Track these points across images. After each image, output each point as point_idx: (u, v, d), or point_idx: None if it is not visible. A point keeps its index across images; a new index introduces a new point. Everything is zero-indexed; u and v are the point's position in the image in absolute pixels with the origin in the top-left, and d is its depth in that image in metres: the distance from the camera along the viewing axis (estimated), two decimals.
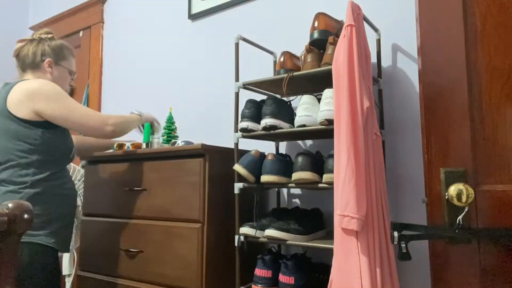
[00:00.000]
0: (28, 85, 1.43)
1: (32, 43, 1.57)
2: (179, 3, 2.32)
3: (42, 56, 1.55)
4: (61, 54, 1.60)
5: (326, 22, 1.42)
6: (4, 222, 0.76)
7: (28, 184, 1.36)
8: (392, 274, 1.16)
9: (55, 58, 1.58)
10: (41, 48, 1.56)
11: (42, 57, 1.55)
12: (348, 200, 1.07)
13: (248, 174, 1.41)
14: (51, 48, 1.58)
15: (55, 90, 1.44)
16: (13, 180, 1.36)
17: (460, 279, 0.88)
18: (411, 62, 1.51)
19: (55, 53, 1.58)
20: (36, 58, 1.54)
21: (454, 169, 0.89)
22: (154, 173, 1.59)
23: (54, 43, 1.60)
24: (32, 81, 1.45)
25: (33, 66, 1.54)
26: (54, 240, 1.38)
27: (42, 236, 1.35)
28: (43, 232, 1.35)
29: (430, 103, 0.94)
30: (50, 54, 1.57)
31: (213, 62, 2.12)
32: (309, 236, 1.38)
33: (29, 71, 1.55)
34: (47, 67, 1.55)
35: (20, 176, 1.36)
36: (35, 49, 1.55)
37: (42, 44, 1.57)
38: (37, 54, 1.55)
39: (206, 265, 1.42)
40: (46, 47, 1.57)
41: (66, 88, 1.62)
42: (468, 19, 0.91)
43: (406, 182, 1.47)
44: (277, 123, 1.39)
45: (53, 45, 1.59)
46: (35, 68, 1.54)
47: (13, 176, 1.36)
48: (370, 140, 1.16)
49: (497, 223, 0.84)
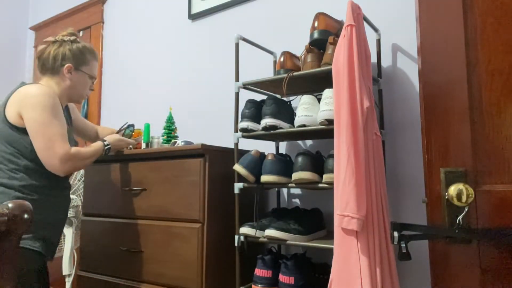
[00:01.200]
0: (28, 88, 1.40)
1: (54, 45, 1.52)
2: (179, 3, 2.32)
3: (62, 61, 1.50)
4: (83, 58, 1.54)
5: (326, 22, 1.42)
6: (4, 222, 0.76)
7: (16, 188, 1.34)
8: (392, 274, 1.15)
9: (76, 63, 1.52)
10: (62, 51, 1.50)
11: (62, 61, 1.50)
12: (348, 200, 1.07)
13: (248, 174, 1.41)
14: (72, 52, 1.52)
15: (45, 103, 1.36)
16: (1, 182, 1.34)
17: (460, 279, 0.88)
18: (411, 62, 1.51)
19: (76, 58, 1.52)
20: (56, 62, 1.49)
21: (454, 169, 0.89)
22: (154, 173, 1.59)
23: (76, 47, 1.54)
24: (35, 87, 1.41)
25: (53, 71, 1.50)
26: (39, 245, 1.35)
27: (28, 240, 1.31)
28: (28, 236, 1.32)
29: (430, 103, 0.94)
30: (71, 59, 1.51)
31: (213, 62, 2.12)
32: (309, 236, 1.38)
33: (47, 75, 1.50)
34: (66, 73, 1.50)
35: (9, 179, 1.34)
36: (55, 53, 1.50)
37: (64, 47, 1.51)
38: (58, 59, 1.49)
39: (206, 265, 1.42)
40: (67, 50, 1.51)
41: (86, 93, 1.58)
42: (468, 19, 0.91)
43: (406, 182, 1.47)
44: (277, 123, 1.39)
45: (74, 49, 1.53)
46: (54, 73, 1.50)
47: (3, 177, 1.35)
48: (370, 140, 1.16)
49: (497, 223, 0.84)
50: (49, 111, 1.37)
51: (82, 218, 1.83)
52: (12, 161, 1.36)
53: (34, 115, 1.35)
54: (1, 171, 1.36)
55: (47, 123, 1.35)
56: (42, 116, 1.35)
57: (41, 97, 1.37)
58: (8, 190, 1.33)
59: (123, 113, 2.54)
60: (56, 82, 1.50)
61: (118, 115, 2.57)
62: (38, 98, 1.37)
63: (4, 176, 1.35)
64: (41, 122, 1.35)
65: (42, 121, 1.35)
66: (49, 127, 1.36)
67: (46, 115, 1.36)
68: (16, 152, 1.37)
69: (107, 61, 2.71)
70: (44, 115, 1.35)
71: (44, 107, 1.36)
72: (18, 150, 1.37)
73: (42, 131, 1.35)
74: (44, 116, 1.35)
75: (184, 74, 2.25)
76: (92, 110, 2.70)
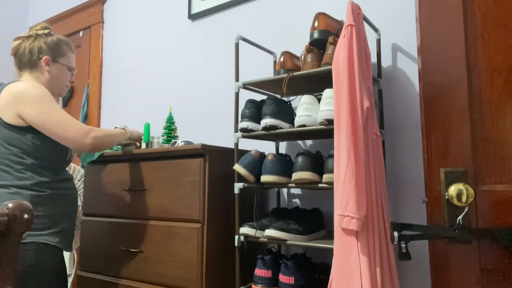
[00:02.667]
0: (15, 87, 1.39)
1: (29, 40, 1.51)
2: (179, 3, 2.32)
3: (39, 54, 1.48)
4: (59, 50, 1.53)
5: (326, 22, 1.42)
6: (4, 222, 0.76)
7: (27, 187, 1.34)
8: (392, 274, 1.15)
9: (52, 55, 1.51)
10: (38, 45, 1.49)
11: (39, 55, 1.48)
12: (348, 200, 1.07)
13: (248, 174, 1.41)
14: (48, 45, 1.50)
15: (39, 95, 1.37)
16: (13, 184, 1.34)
17: (460, 279, 0.88)
18: (411, 62, 1.51)
19: (52, 50, 1.51)
20: (32, 56, 1.48)
21: (454, 169, 0.89)
22: (154, 173, 1.59)
23: (50, 39, 1.52)
24: (21, 83, 1.41)
25: (31, 65, 1.48)
26: (58, 240, 1.37)
27: (46, 236, 1.33)
28: (47, 232, 1.34)
29: (430, 103, 0.94)
30: (47, 51, 1.50)
31: (213, 62, 2.12)
32: (309, 236, 1.38)
33: (26, 70, 1.49)
34: (44, 66, 1.48)
35: (19, 180, 1.34)
36: (31, 47, 1.48)
37: (38, 40, 1.50)
38: (34, 52, 1.48)
39: (206, 265, 1.42)
40: (42, 44, 1.50)
41: (67, 85, 1.57)
42: (468, 19, 0.91)
43: (406, 182, 1.47)
44: (277, 123, 1.39)
45: (49, 42, 1.51)
46: (32, 67, 1.48)
47: (12, 179, 1.34)
48: (370, 140, 1.16)
49: (497, 223, 0.84)
50: (46, 101, 1.38)
51: (82, 218, 1.83)
52: (17, 162, 1.36)
53: (35, 109, 1.35)
54: (8, 173, 1.36)
55: (50, 112, 1.37)
56: (43, 108, 1.36)
57: (36, 90, 1.38)
58: (21, 191, 1.33)
59: (123, 113, 2.54)
60: (36, 76, 1.48)
61: (118, 115, 2.57)
62: (30, 92, 1.37)
63: (13, 177, 1.35)
64: (44, 113, 1.36)
65: (45, 111, 1.36)
66: (54, 114, 1.37)
67: (45, 105, 1.37)
68: (19, 152, 1.36)
69: (107, 61, 2.71)
70: (43, 106, 1.36)
71: (43, 98, 1.37)
72: (21, 149, 1.36)
73: (52, 120, 1.36)
74: (44, 107, 1.36)
75: (184, 74, 2.25)
76: (92, 110, 2.70)
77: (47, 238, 1.34)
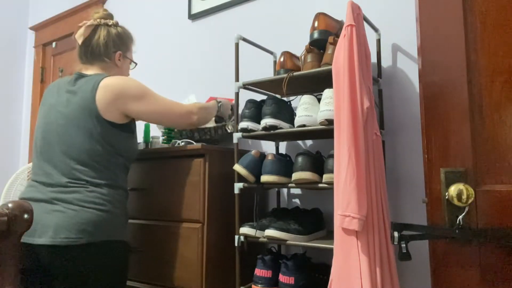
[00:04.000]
0: (113, 82, 1.33)
1: (100, 30, 1.43)
2: (179, 3, 2.32)
3: (113, 48, 1.43)
4: (127, 44, 1.49)
5: (326, 22, 1.42)
6: (4, 222, 0.76)
7: (112, 185, 1.31)
8: (392, 274, 1.15)
9: (124, 50, 1.47)
10: (112, 38, 1.43)
11: (114, 48, 1.43)
12: (349, 200, 1.07)
13: (248, 174, 1.41)
14: (119, 38, 1.45)
15: (139, 87, 1.37)
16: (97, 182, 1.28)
17: (460, 279, 0.88)
18: (411, 62, 1.51)
19: (123, 44, 1.47)
20: (108, 49, 1.43)
21: (454, 169, 0.89)
22: (154, 173, 1.59)
23: (121, 31, 1.47)
24: (116, 78, 1.35)
25: (104, 57, 1.42)
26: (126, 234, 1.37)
27: (122, 234, 1.33)
28: (122, 229, 1.33)
29: (430, 103, 0.94)
30: (120, 45, 1.45)
31: (213, 62, 2.12)
32: (309, 236, 1.38)
33: (97, 63, 1.43)
34: (117, 60, 1.45)
35: (105, 179, 1.30)
36: (106, 39, 1.42)
37: (110, 32, 1.44)
38: (109, 46, 1.43)
39: (206, 265, 1.42)
40: (114, 36, 1.44)
41: None
42: (468, 19, 0.91)
43: (406, 182, 1.47)
44: (277, 123, 1.39)
45: (120, 34, 1.46)
46: (105, 60, 1.43)
47: (100, 178, 1.29)
48: (370, 140, 1.16)
49: (497, 223, 0.84)
50: (147, 91, 1.38)
51: None
52: (112, 161, 1.33)
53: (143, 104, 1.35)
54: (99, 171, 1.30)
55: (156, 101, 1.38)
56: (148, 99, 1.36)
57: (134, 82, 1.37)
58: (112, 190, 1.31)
59: None
60: (106, 70, 1.44)
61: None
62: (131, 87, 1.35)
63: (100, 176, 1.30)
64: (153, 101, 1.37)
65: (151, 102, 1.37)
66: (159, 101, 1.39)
67: (149, 96, 1.37)
68: (113, 151, 1.33)
69: None
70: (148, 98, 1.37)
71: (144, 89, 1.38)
72: (116, 148, 1.34)
73: (160, 106, 1.39)
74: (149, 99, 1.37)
75: (184, 74, 2.25)
76: None
77: (122, 235, 1.33)
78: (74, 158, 1.28)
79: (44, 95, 1.45)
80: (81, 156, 1.28)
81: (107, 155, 1.32)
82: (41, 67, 3.13)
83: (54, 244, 1.17)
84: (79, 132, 1.29)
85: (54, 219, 1.20)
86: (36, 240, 1.19)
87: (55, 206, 1.23)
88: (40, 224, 1.20)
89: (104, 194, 1.28)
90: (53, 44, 3.09)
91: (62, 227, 1.19)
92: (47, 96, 1.43)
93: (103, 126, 1.30)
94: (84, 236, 1.20)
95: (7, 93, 3.14)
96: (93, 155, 1.29)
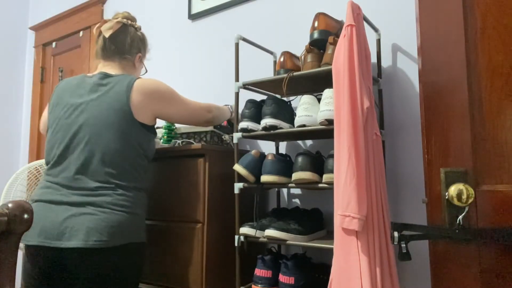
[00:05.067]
0: (148, 85, 1.33)
1: (128, 29, 1.43)
2: (179, 3, 2.32)
3: (136, 49, 1.44)
4: (146, 50, 1.50)
5: (326, 22, 1.42)
6: (4, 222, 0.76)
7: (138, 187, 1.31)
8: (392, 274, 1.15)
9: (143, 54, 1.48)
10: (136, 38, 1.44)
11: (136, 49, 1.44)
12: (349, 200, 1.07)
13: (248, 174, 1.41)
14: (142, 41, 1.46)
15: (169, 90, 1.39)
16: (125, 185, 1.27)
17: (460, 279, 0.88)
18: (411, 62, 1.51)
19: (143, 48, 1.47)
20: (132, 49, 1.43)
21: (454, 169, 0.89)
22: (154, 173, 1.59)
23: (143, 36, 1.48)
24: (149, 81, 1.36)
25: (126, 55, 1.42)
26: None
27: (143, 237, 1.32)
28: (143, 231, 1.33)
29: (430, 103, 0.94)
30: (141, 48, 1.46)
31: (213, 62, 2.12)
32: (309, 236, 1.38)
33: (118, 60, 1.42)
34: (136, 61, 1.44)
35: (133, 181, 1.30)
36: (133, 38, 1.43)
37: (135, 33, 1.44)
38: (134, 46, 1.43)
39: (206, 265, 1.42)
40: (138, 38, 1.44)
41: None
42: (468, 19, 0.91)
43: (406, 182, 1.47)
44: (277, 123, 1.39)
45: (143, 38, 1.47)
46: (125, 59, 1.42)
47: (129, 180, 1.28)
48: (370, 140, 1.16)
49: (497, 223, 0.84)
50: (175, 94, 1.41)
51: None
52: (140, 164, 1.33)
53: (175, 107, 1.39)
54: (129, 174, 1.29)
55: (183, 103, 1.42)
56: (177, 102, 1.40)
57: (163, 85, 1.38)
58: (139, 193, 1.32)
59: None
60: (128, 70, 1.43)
61: None
62: (163, 88, 1.37)
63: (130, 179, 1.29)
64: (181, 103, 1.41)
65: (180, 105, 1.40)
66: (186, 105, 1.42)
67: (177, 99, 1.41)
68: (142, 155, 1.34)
69: None
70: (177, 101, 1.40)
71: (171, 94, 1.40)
72: (143, 149, 1.34)
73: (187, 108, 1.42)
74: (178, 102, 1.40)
75: (184, 74, 2.25)
76: None
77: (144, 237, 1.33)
78: (107, 161, 1.26)
79: (58, 94, 1.39)
80: (114, 159, 1.26)
81: (137, 158, 1.31)
82: (41, 67, 3.13)
83: (86, 247, 1.16)
84: (114, 135, 1.26)
85: (85, 222, 1.18)
86: (65, 244, 1.16)
87: (83, 209, 1.20)
88: (68, 227, 1.18)
89: (132, 196, 1.27)
90: (53, 44, 3.09)
91: (94, 230, 1.17)
92: (64, 95, 1.37)
93: (137, 128, 1.30)
94: (114, 238, 1.19)
95: (7, 93, 3.14)
96: (126, 157, 1.28)
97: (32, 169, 2.00)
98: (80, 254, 1.17)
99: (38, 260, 1.23)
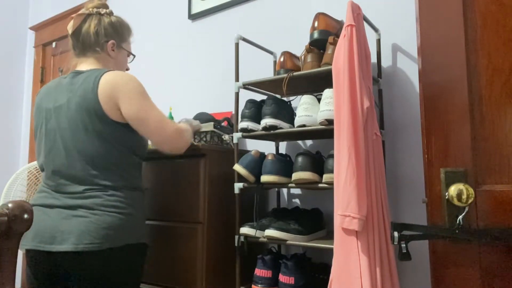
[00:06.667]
0: (111, 77, 1.23)
1: (91, 19, 1.34)
2: (179, 3, 2.32)
3: (105, 37, 1.34)
4: (122, 34, 1.40)
5: (326, 22, 1.42)
6: (4, 222, 0.76)
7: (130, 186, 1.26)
8: (392, 274, 1.16)
9: (118, 39, 1.37)
10: (103, 26, 1.34)
11: (106, 37, 1.34)
12: (349, 200, 1.07)
13: (248, 174, 1.41)
14: (113, 27, 1.36)
15: (138, 89, 1.25)
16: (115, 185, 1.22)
17: (460, 279, 0.88)
18: (411, 62, 1.51)
19: (117, 34, 1.37)
20: (99, 39, 1.33)
21: (454, 169, 0.89)
22: (154, 173, 1.59)
23: (115, 20, 1.37)
24: (114, 73, 1.25)
25: (96, 48, 1.33)
26: None
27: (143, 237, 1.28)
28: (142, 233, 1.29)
29: (430, 103, 0.94)
30: (113, 34, 1.36)
31: (213, 62, 2.12)
32: (309, 236, 1.38)
33: (90, 54, 1.34)
34: (110, 50, 1.35)
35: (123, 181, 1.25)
36: (97, 28, 1.33)
37: (103, 21, 1.35)
38: (100, 34, 1.33)
39: (206, 265, 1.42)
40: (107, 25, 1.34)
41: None
42: (468, 19, 0.91)
43: (406, 182, 1.47)
44: (277, 123, 1.39)
45: (114, 23, 1.36)
46: (98, 51, 1.34)
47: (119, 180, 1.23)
48: (370, 140, 1.16)
49: (497, 223, 0.84)
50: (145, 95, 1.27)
51: None
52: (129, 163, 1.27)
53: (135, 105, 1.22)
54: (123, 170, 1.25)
55: (150, 108, 1.25)
56: (142, 103, 1.24)
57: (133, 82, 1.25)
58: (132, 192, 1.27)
59: None
60: (103, 62, 1.35)
61: None
62: (130, 85, 1.23)
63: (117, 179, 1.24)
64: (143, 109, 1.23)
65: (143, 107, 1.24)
66: (153, 110, 1.25)
67: (145, 100, 1.25)
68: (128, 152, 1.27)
69: None
70: (143, 102, 1.25)
71: (139, 93, 1.25)
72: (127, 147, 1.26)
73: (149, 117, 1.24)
74: (144, 103, 1.24)
75: (184, 74, 2.25)
76: None
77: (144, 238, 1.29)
78: (89, 163, 1.21)
79: (37, 100, 1.35)
80: (96, 161, 1.21)
81: (121, 157, 1.25)
82: (41, 67, 3.13)
83: (77, 251, 1.13)
84: (89, 136, 1.21)
85: (76, 224, 1.15)
86: (57, 247, 1.14)
87: (74, 211, 1.18)
88: (60, 230, 1.15)
89: (124, 197, 1.22)
90: (53, 44, 3.09)
91: (85, 233, 1.14)
92: (42, 101, 1.32)
93: (112, 126, 1.22)
94: (107, 241, 1.15)
95: (7, 93, 3.14)
96: (107, 158, 1.22)
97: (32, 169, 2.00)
98: (72, 257, 1.14)
99: (35, 264, 1.22)
